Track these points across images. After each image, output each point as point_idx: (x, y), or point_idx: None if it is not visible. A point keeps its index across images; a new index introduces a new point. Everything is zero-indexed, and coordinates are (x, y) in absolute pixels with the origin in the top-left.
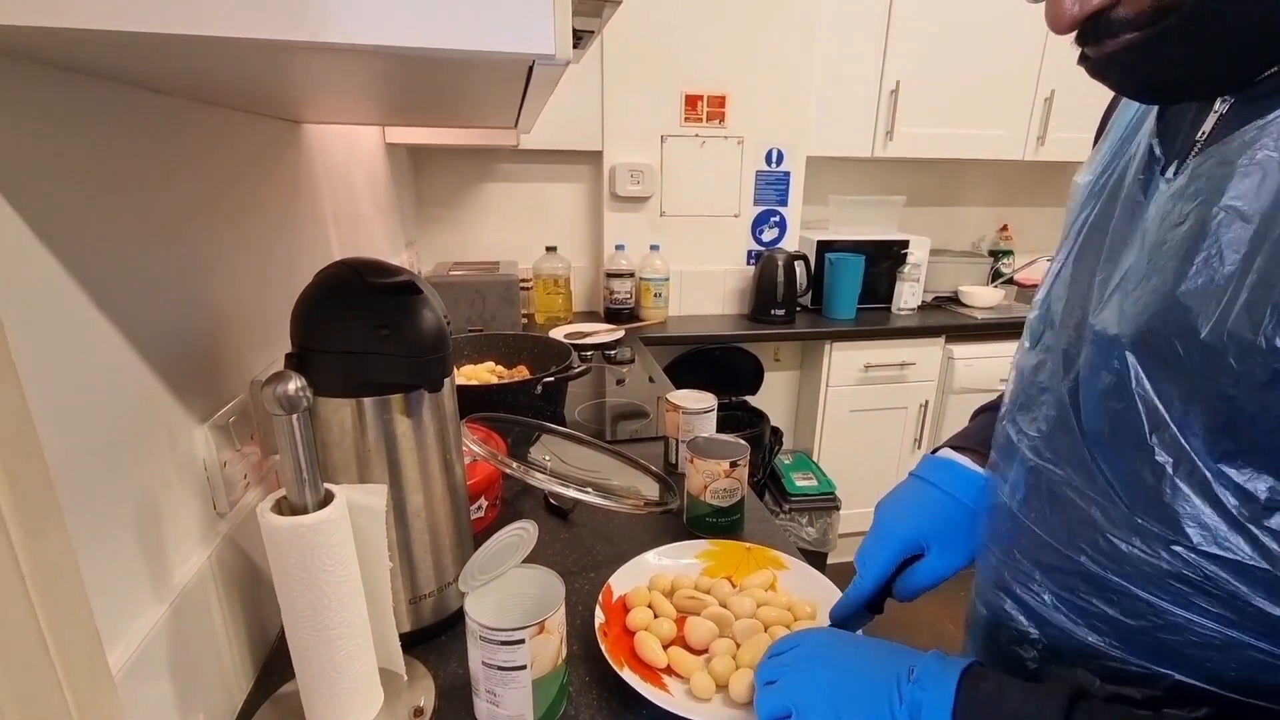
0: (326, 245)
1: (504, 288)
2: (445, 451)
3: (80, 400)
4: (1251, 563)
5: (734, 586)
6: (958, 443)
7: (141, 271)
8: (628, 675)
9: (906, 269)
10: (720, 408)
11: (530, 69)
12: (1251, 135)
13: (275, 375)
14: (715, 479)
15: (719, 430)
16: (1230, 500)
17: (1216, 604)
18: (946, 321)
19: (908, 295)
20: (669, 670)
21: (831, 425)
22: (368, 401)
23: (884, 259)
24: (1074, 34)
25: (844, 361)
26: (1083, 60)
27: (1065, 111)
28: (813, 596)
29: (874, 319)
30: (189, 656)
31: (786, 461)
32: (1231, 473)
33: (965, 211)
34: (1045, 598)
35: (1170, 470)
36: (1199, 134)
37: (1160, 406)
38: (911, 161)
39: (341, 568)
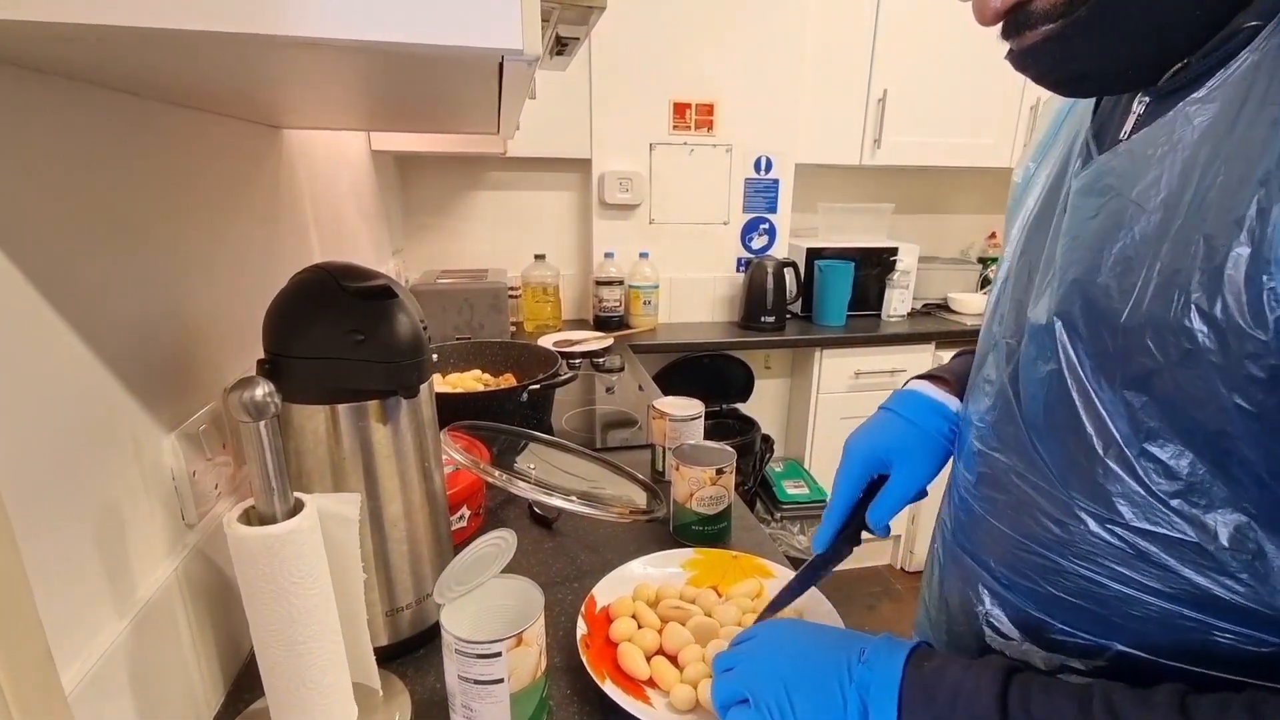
0: (308, 252)
1: (492, 295)
2: (424, 459)
3: (34, 408)
4: (1178, 537)
5: (719, 596)
6: (924, 374)
7: (107, 276)
8: (609, 688)
9: (896, 276)
10: (711, 415)
11: (501, 66)
12: (1156, 132)
13: (242, 381)
14: (701, 486)
15: (710, 438)
16: (1156, 479)
17: (1151, 578)
18: (936, 328)
19: (897, 302)
20: (651, 682)
21: (823, 432)
22: (342, 408)
23: (873, 266)
24: (999, 27)
25: (834, 369)
26: (1008, 54)
27: None
28: (799, 605)
29: (864, 326)
30: (153, 673)
31: (777, 469)
32: (1155, 451)
33: (954, 219)
34: (995, 578)
35: (1101, 452)
36: (1122, 134)
37: (1090, 391)
38: (900, 169)
39: (312, 579)
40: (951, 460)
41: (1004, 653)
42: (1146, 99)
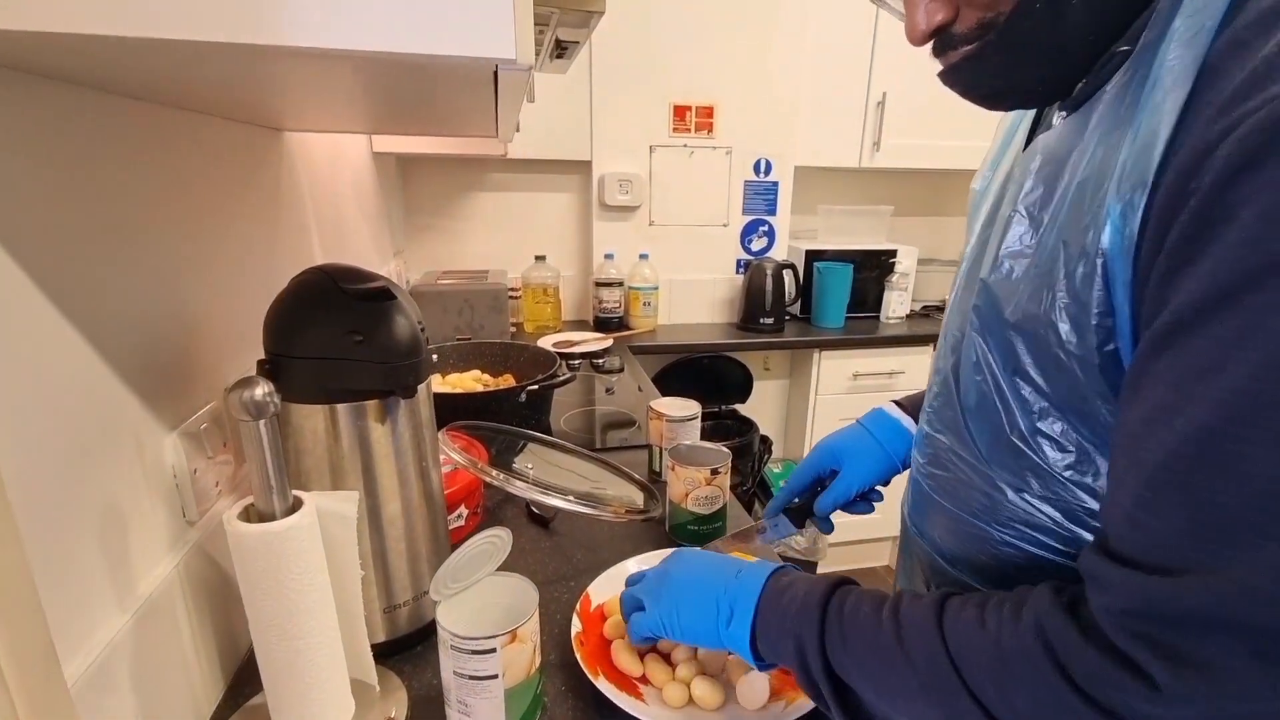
0: (309, 253)
1: (492, 296)
2: (421, 459)
3: (40, 407)
4: (1077, 503)
5: None
6: (898, 400)
7: (110, 276)
8: (602, 684)
9: (895, 278)
10: (710, 416)
11: (495, 74)
12: (1036, 148)
13: (242, 380)
14: (696, 486)
15: (708, 439)
16: (1051, 453)
17: (1058, 540)
18: (934, 330)
19: (896, 304)
20: (644, 679)
21: (821, 434)
22: (341, 408)
23: (872, 268)
24: (929, 48)
25: (833, 370)
26: (939, 72)
27: None
28: None
29: (863, 328)
30: (153, 667)
31: (776, 470)
32: (1045, 428)
33: (952, 222)
34: (940, 553)
35: (1009, 431)
36: None
37: (998, 377)
38: (899, 172)
39: (310, 576)
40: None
41: None
42: (1063, 112)
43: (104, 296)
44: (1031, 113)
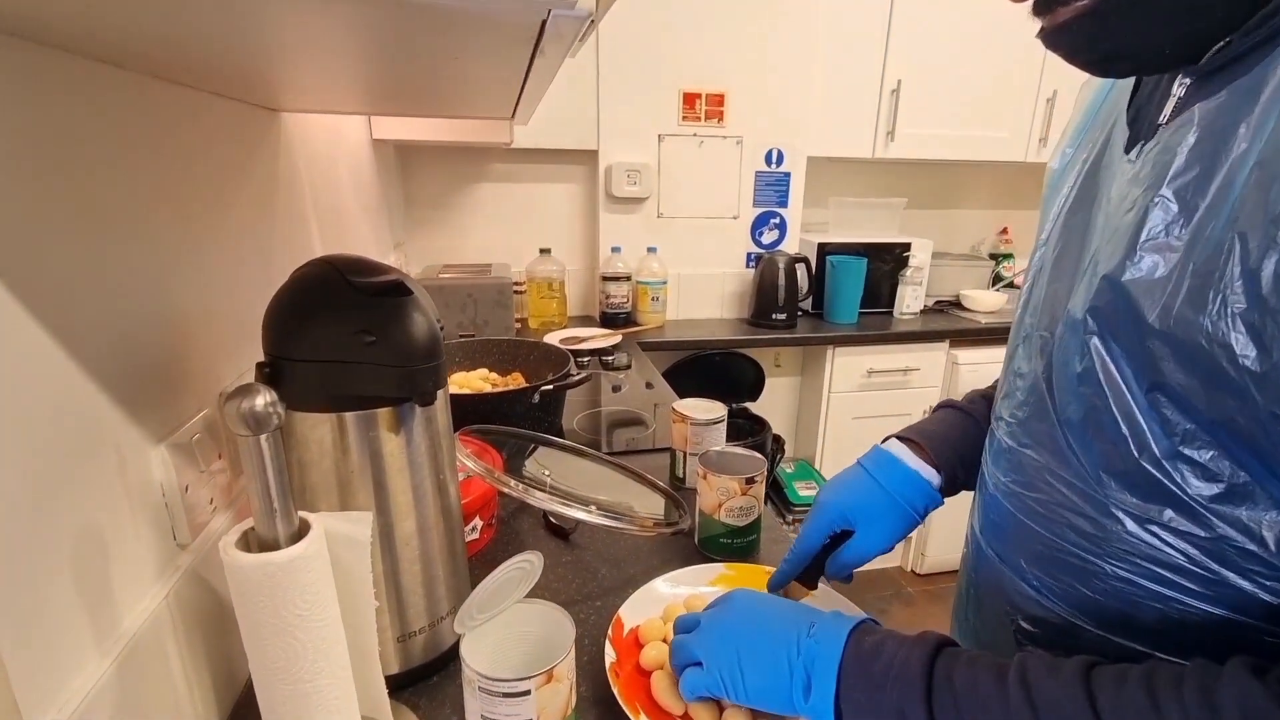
0: (309, 245)
1: (497, 291)
2: (438, 471)
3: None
4: (1223, 539)
5: None
6: (904, 433)
7: (84, 268)
8: None
9: (909, 272)
10: None
11: (543, 25)
12: (1196, 116)
13: (240, 389)
14: (730, 496)
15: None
16: (1195, 481)
17: (1192, 580)
18: (949, 326)
19: (910, 299)
20: (687, 717)
21: (834, 433)
22: (350, 417)
23: (886, 262)
24: (1030, 4)
25: (846, 367)
26: (1040, 32)
27: (1067, 112)
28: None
29: (876, 323)
30: (140, 713)
31: (789, 470)
32: (1192, 454)
33: (965, 214)
34: (1026, 580)
35: (1136, 454)
36: (1160, 118)
37: (1124, 391)
38: (911, 163)
39: (319, 611)
40: (983, 458)
41: None
42: (1187, 80)
43: (77, 290)
44: (1129, 82)
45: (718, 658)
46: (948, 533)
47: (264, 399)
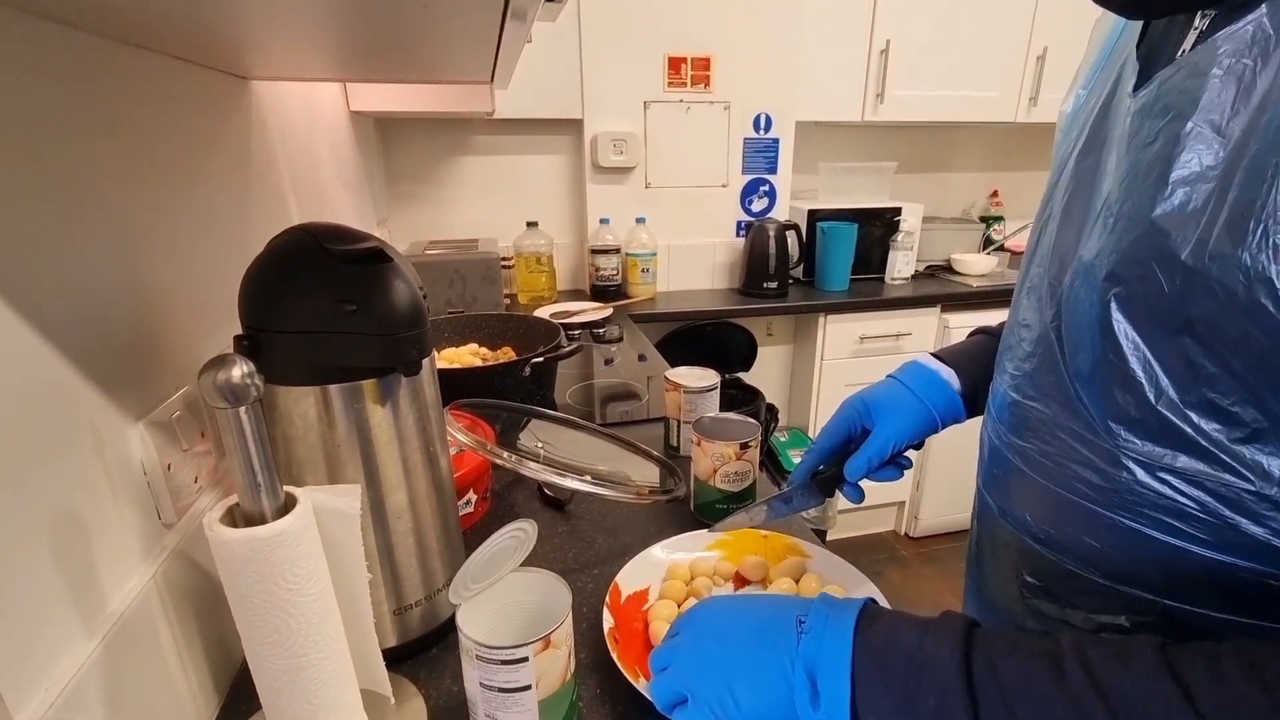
0: (286, 218)
1: (484, 266)
2: (428, 443)
3: None
4: (1236, 484)
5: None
6: (935, 352)
7: (50, 240)
8: (644, 687)
9: (900, 237)
10: None
11: None
12: (1222, 43)
13: (215, 360)
14: (725, 462)
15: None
16: (1215, 424)
17: (1202, 528)
18: (941, 290)
19: (901, 264)
20: None
21: (827, 400)
22: (334, 389)
23: (876, 227)
24: None
25: (838, 334)
26: None
27: (1058, 70)
28: (844, 585)
29: (867, 290)
30: (132, 695)
31: (782, 439)
32: (1215, 398)
33: (955, 178)
34: (1032, 534)
35: (1153, 400)
36: (1180, 53)
37: (1139, 338)
38: (901, 126)
39: (310, 584)
40: (983, 418)
41: (1043, 614)
42: (1211, 13)
43: (43, 263)
44: (1137, 25)
45: (702, 686)
46: (942, 496)
47: (240, 369)
